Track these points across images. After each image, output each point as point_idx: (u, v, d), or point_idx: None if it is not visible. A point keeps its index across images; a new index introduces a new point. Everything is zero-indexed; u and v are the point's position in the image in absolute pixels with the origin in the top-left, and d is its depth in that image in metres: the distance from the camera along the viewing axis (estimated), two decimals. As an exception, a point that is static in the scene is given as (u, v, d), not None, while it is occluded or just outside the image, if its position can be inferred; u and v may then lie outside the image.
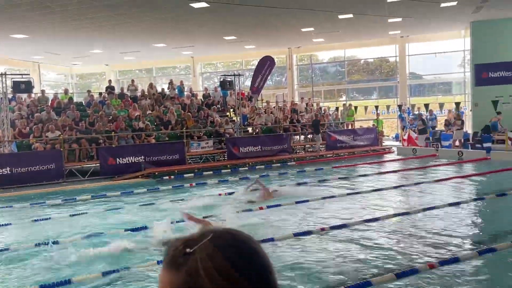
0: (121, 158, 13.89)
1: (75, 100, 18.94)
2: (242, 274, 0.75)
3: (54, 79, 31.09)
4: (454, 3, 15.94)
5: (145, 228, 7.11)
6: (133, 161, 14.03)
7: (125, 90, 20.12)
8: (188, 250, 0.78)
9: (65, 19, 15.69)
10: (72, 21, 16.02)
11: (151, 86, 20.17)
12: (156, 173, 13.61)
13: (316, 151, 17.78)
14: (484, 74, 19.75)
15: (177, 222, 6.93)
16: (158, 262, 5.26)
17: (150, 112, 17.28)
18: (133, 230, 7.05)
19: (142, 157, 14.15)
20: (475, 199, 8.55)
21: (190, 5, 14.49)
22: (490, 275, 4.95)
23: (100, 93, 19.65)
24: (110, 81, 21.18)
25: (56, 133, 14.13)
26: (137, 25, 17.23)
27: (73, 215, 8.50)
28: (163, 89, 20.68)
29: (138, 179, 13.32)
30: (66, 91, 19.54)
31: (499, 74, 19.58)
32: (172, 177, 13.35)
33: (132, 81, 20.52)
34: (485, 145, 16.68)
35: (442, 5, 15.99)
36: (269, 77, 23.97)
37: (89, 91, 19.32)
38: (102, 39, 19.88)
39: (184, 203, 9.11)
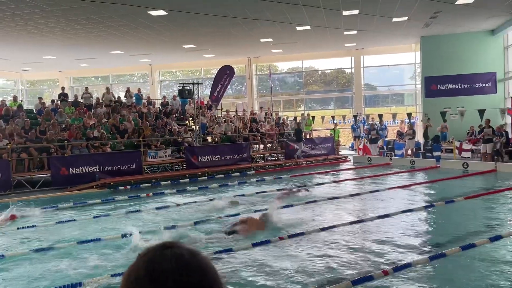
0: (74, 168, 13.38)
1: (25, 107, 18.10)
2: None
3: (3, 85, 29.64)
4: (405, 19, 16.71)
5: (98, 240, 6.87)
6: (87, 171, 13.55)
7: (79, 98, 19.46)
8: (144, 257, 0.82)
9: (15, 23, 15.05)
10: (22, 25, 15.39)
11: (107, 91, 19.60)
12: (112, 183, 13.21)
13: (298, 158, 18.17)
14: (433, 86, 20.79)
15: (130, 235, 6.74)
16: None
17: (105, 120, 16.80)
18: (84, 242, 6.78)
19: (97, 166, 13.71)
20: (425, 206, 8.89)
21: (148, 12, 14.32)
22: (440, 279, 5.15)
23: (53, 101, 18.91)
24: (63, 88, 20.42)
25: (4, 142, 13.42)
26: (92, 31, 16.79)
27: (20, 228, 8.07)
28: (119, 97, 20.18)
29: (93, 189, 12.87)
30: (15, 98, 18.65)
31: (447, 87, 20.67)
32: (128, 187, 13.00)
33: (86, 88, 19.89)
34: (435, 154, 17.46)
35: (394, 20, 16.72)
36: (228, 86, 24.00)
37: (40, 98, 18.52)
38: (54, 45, 19.20)
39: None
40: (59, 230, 7.97)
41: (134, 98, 19.96)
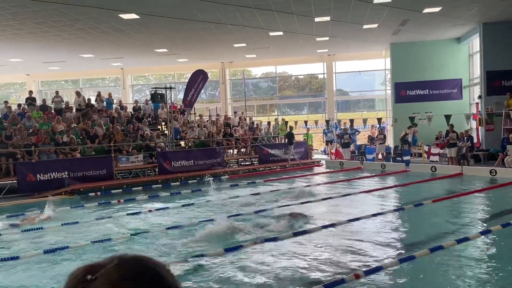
0: (42, 174, 12.99)
1: (-11, 112, 17.46)
2: None
3: (-34, 89, 28.55)
4: (375, 26, 17.10)
5: (66, 248, 6.68)
6: (55, 177, 13.18)
7: (48, 102, 18.95)
8: (89, 277, 0.73)
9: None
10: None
11: (78, 94, 19.13)
12: (81, 190, 12.90)
13: (292, 160, 18.80)
14: (402, 92, 21.32)
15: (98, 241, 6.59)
16: None
17: (75, 125, 16.41)
18: (51, 251, 6.59)
19: (66, 172, 13.36)
20: (395, 210, 9.08)
21: (120, 16, 14.11)
22: (410, 281, 5.26)
23: (20, 105, 18.31)
24: (31, 92, 19.80)
25: (-33, 148, 12.91)
26: (61, 34, 16.41)
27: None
28: (89, 99, 19.73)
29: (61, 196, 12.52)
30: (-21, 102, 17.98)
31: (415, 92, 21.25)
32: (99, 193, 12.72)
33: (57, 92, 19.38)
34: (404, 158, 17.88)
35: (365, 26, 17.08)
36: (202, 91, 23.90)
37: (6, 102, 17.91)
38: (22, 47, 18.64)
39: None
40: (26, 239, 7.71)
41: (104, 102, 19.59)
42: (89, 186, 13.20)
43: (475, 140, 18.16)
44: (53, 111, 17.32)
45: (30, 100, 18.30)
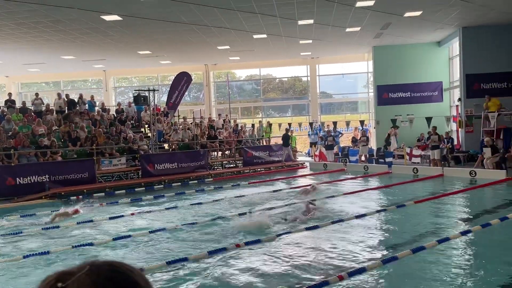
0: (22, 178, 12.73)
1: (-33, 114, 17.05)
2: None
3: None
4: (358, 29, 17.30)
5: (46, 253, 6.56)
6: (36, 180, 12.93)
7: (28, 104, 18.60)
8: (60, 284, 0.71)
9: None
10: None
11: (59, 96, 18.80)
12: (63, 193, 12.69)
13: (290, 160, 19.42)
14: (385, 94, 21.60)
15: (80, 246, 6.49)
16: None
17: (56, 128, 16.14)
18: (30, 256, 6.46)
19: (47, 176, 13.11)
20: (378, 211, 9.17)
21: (101, 17, 13.95)
22: (393, 282, 5.32)
23: (-2, 107, 17.96)
24: (10, 94, 19.42)
25: None
26: (42, 35, 16.14)
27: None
28: (72, 100, 19.42)
29: (42, 200, 12.30)
30: (-44, 104, 17.55)
31: (397, 95, 21.54)
32: (81, 197, 12.54)
33: (37, 94, 19.04)
34: (387, 159, 18.10)
35: (347, 30, 17.26)
36: (186, 93, 23.79)
37: (-16, 105, 17.56)
38: (0, 49, 18.27)
39: None
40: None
41: (87, 105, 19.33)
42: (71, 189, 12.99)
43: (455, 142, 18.50)
44: (33, 114, 17.01)
45: (10, 103, 17.94)
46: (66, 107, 18.60)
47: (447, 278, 5.25)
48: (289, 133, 19.92)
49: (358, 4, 13.58)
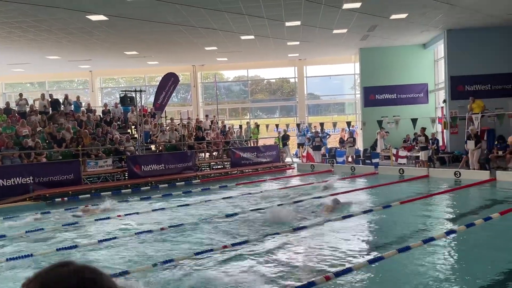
0: (5, 180, 12.49)
1: (-51, 115, 16.69)
2: None
3: None
4: (345, 31, 17.42)
5: (30, 255, 6.45)
6: (19, 182, 12.71)
7: (12, 105, 18.30)
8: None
9: None
10: None
11: (42, 97, 18.52)
12: (47, 195, 12.49)
13: (283, 161, 20.07)
14: (371, 96, 21.79)
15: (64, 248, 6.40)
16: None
17: (41, 129, 15.91)
18: (14, 259, 6.35)
19: (31, 177, 12.91)
20: (364, 211, 9.24)
21: (87, 17, 13.81)
22: (379, 282, 5.36)
23: (-19, 108, 17.62)
24: (-7, 94, 19.11)
25: None
26: (26, 35, 15.91)
27: None
28: (56, 99, 19.16)
29: (26, 202, 12.09)
30: None
31: (384, 97, 21.75)
32: (66, 198, 12.37)
33: (21, 95, 18.74)
34: (373, 160, 18.24)
35: (334, 31, 17.37)
36: (173, 94, 23.67)
37: (-33, 105, 17.22)
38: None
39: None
40: None
41: (72, 106, 19.10)
42: (56, 191, 12.80)
43: (440, 143, 18.73)
44: (17, 114, 16.74)
45: (-7, 103, 17.64)
46: (50, 108, 18.34)
47: (433, 277, 5.30)
48: (288, 134, 20.46)
49: (345, 6, 13.67)
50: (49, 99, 18.70)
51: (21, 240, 7.83)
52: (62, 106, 18.80)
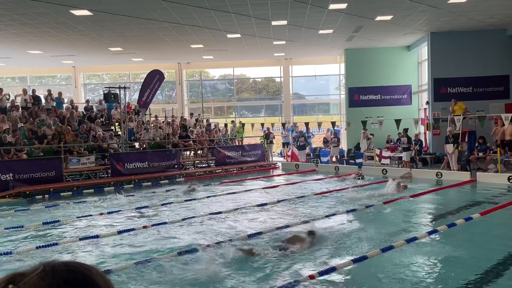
0: (-16, 176, 12.23)
1: None
2: None
3: None
4: (330, 31, 17.52)
5: (9, 253, 6.32)
6: (-1, 179, 12.45)
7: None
8: (11, 286, 0.67)
9: None
10: None
11: (24, 92, 18.14)
12: (28, 192, 12.26)
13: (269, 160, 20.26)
14: (356, 96, 21.97)
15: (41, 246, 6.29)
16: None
17: (22, 125, 15.59)
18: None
19: (11, 174, 12.65)
20: (348, 211, 9.30)
21: (71, 11, 13.58)
22: (362, 281, 5.40)
23: (-40, 102, 17.15)
24: (-28, 89, 18.60)
25: None
26: (7, 29, 15.57)
27: None
28: (37, 95, 18.77)
29: (6, 199, 11.86)
30: None
31: (368, 97, 21.96)
32: (47, 196, 12.16)
33: (1, 90, 18.30)
34: (357, 160, 18.40)
35: (320, 32, 17.46)
36: (158, 92, 23.45)
37: None
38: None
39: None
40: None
41: (55, 102, 18.75)
42: (36, 188, 12.58)
43: (423, 144, 19.00)
44: (-3, 110, 16.36)
45: (-28, 98, 17.18)
46: (32, 103, 17.97)
47: (415, 276, 5.37)
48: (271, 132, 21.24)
49: (331, 6, 13.75)
50: (31, 94, 18.33)
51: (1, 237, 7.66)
52: (45, 101, 18.43)
